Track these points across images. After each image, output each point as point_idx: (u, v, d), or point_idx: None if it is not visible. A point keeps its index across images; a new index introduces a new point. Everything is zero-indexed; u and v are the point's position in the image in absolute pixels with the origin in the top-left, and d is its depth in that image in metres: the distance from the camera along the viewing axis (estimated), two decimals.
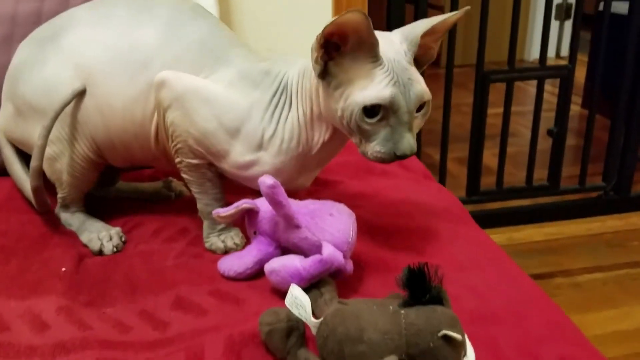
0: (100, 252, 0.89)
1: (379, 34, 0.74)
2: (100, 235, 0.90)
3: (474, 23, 1.89)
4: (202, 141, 0.83)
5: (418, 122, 0.76)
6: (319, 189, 1.01)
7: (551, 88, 2.11)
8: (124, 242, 0.91)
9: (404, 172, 1.07)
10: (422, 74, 0.78)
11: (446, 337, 0.57)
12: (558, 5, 3.62)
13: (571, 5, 3.51)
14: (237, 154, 0.83)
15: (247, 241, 0.86)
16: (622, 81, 1.93)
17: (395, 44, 0.75)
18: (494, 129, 2.08)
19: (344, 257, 0.74)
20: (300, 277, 0.70)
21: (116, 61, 0.86)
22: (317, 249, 0.74)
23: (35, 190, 0.92)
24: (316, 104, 0.79)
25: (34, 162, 0.88)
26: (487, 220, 1.87)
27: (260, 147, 0.82)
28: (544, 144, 2.10)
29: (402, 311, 0.59)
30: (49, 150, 0.90)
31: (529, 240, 1.94)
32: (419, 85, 0.74)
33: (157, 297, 0.75)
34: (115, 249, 0.89)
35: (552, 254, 1.88)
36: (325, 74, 0.75)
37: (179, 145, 0.84)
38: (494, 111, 2.07)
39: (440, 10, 1.83)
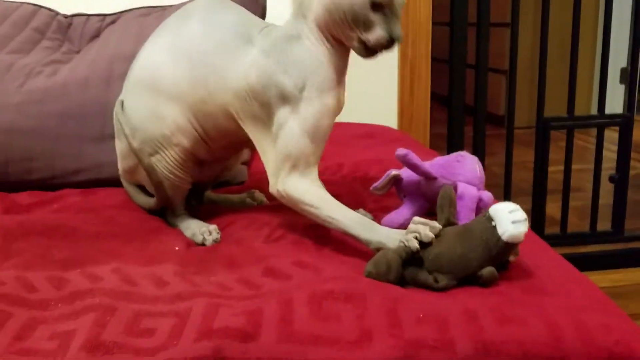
0: (202, 245, 1.06)
1: None
2: (201, 230, 1.08)
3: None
4: None
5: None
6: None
7: (610, 154, 2.18)
8: (220, 237, 1.08)
9: None
10: None
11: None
12: (622, 70, 3.70)
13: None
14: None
15: None
16: None
17: None
18: (557, 184, 2.15)
19: (478, 189, 0.97)
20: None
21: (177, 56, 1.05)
22: (455, 190, 0.94)
23: (156, 185, 1.10)
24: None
25: (143, 163, 1.08)
26: None
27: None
28: (608, 197, 2.15)
29: None
30: (149, 161, 1.08)
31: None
32: None
33: (250, 268, 0.91)
34: (214, 242, 1.06)
35: (618, 299, 1.89)
36: None
37: None
38: (557, 168, 2.16)
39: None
